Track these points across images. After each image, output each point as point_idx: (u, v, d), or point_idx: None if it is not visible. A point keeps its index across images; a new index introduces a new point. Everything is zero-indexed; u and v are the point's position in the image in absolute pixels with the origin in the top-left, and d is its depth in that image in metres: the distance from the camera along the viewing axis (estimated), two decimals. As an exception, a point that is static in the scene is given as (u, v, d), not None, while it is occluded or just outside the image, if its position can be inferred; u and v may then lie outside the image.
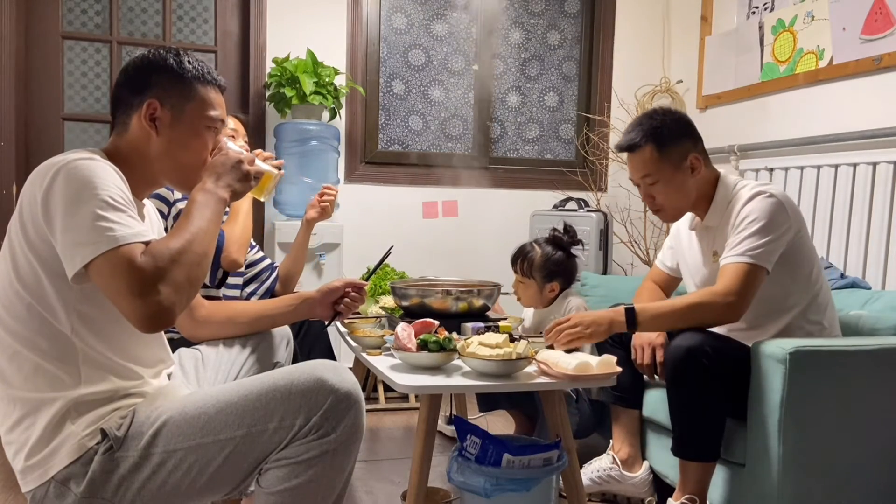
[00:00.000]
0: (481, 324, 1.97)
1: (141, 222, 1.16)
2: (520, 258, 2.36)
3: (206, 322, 1.58)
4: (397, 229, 3.45)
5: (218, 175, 1.30)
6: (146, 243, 1.11)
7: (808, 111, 2.86)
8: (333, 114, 3.27)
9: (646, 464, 2.12)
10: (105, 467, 1.15)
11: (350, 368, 1.35)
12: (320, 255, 3.17)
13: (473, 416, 2.63)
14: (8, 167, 3.06)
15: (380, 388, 3.25)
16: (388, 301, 2.37)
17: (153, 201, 1.73)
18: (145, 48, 2.23)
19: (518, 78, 3.78)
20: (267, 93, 3.25)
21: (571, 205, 3.39)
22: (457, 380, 1.63)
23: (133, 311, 1.07)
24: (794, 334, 1.86)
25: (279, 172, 1.53)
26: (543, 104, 3.83)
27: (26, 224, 1.14)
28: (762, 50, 3.12)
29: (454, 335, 1.80)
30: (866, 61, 2.58)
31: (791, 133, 2.91)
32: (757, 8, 3.17)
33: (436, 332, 1.78)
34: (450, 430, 2.71)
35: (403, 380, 1.59)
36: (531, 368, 1.71)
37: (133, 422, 1.19)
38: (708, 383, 1.72)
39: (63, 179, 1.10)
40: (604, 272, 3.25)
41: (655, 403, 2.07)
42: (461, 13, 3.65)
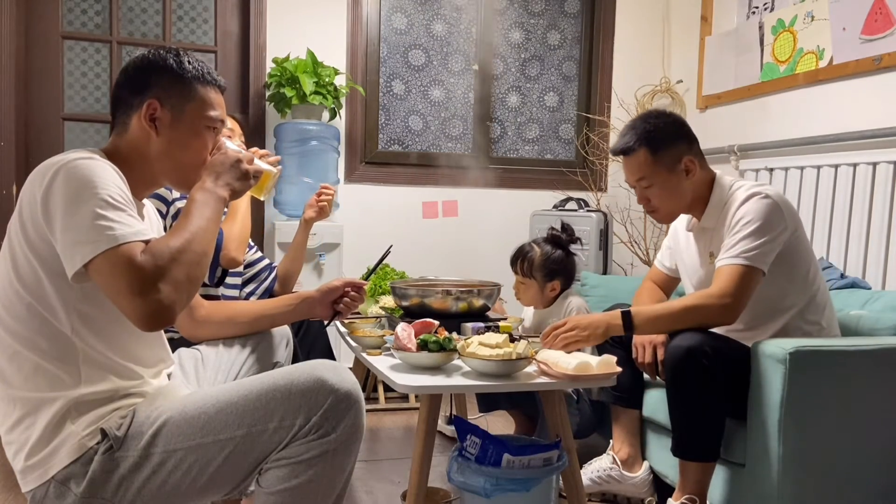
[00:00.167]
0: (481, 324, 1.97)
1: (141, 221, 1.17)
2: (519, 258, 2.36)
3: (206, 322, 1.58)
4: (397, 229, 3.45)
5: (217, 174, 1.30)
6: (146, 242, 1.11)
7: (808, 111, 2.86)
8: (333, 114, 3.27)
9: (646, 464, 2.12)
10: (105, 467, 1.15)
11: (350, 368, 1.35)
12: (320, 255, 3.17)
13: (473, 416, 2.63)
14: (8, 167, 3.06)
15: (380, 388, 3.25)
16: (388, 301, 2.37)
17: (151, 201, 1.73)
18: (145, 48, 2.23)
19: (518, 78, 3.78)
20: (267, 93, 3.25)
21: (571, 205, 3.39)
22: (457, 380, 1.63)
23: (133, 310, 1.07)
24: (792, 335, 1.86)
25: (278, 171, 1.53)
26: (543, 104, 3.83)
27: (26, 224, 1.14)
28: (762, 50, 3.12)
29: (454, 335, 1.80)
30: (866, 61, 2.58)
31: (791, 133, 2.91)
32: (757, 8, 3.17)
33: (436, 332, 1.78)
34: (450, 430, 2.71)
35: (403, 380, 1.60)
36: (531, 368, 1.71)
37: (133, 422, 1.19)
38: (708, 383, 1.72)
39: (63, 179, 1.10)
40: (604, 272, 3.25)
41: (655, 403, 2.07)
42: (461, 13, 3.65)
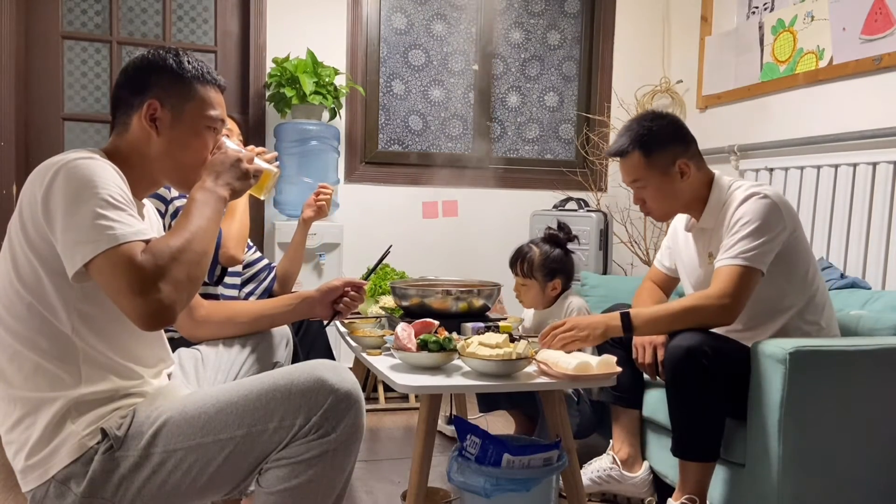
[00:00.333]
0: (481, 324, 1.97)
1: (141, 221, 1.16)
2: (519, 260, 2.36)
3: (206, 322, 1.58)
4: (397, 229, 3.45)
5: (217, 174, 1.30)
6: (146, 241, 1.11)
7: (808, 111, 2.86)
8: (333, 114, 3.27)
9: (646, 464, 2.12)
10: (105, 467, 1.15)
11: (350, 368, 1.35)
12: (320, 255, 3.17)
13: (473, 416, 2.63)
14: (8, 167, 3.06)
15: (380, 388, 3.25)
16: (388, 301, 2.37)
17: (150, 200, 1.73)
18: (145, 48, 2.23)
19: (518, 78, 3.78)
20: (267, 93, 3.24)
21: (571, 205, 3.39)
22: (457, 380, 1.63)
23: (134, 310, 1.07)
24: (792, 335, 1.86)
25: (278, 170, 1.53)
26: (543, 104, 3.82)
27: (26, 223, 1.14)
28: (762, 50, 3.12)
29: (454, 335, 1.80)
30: (866, 61, 2.58)
31: (791, 133, 2.91)
32: (757, 8, 3.17)
33: (436, 332, 1.78)
34: (450, 430, 2.71)
35: (403, 380, 1.60)
36: (531, 368, 1.71)
37: (133, 421, 1.19)
38: (707, 383, 1.72)
39: (63, 178, 1.10)
40: (604, 272, 3.25)
41: (655, 403, 2.07)
42: (461, 13, 3.65)
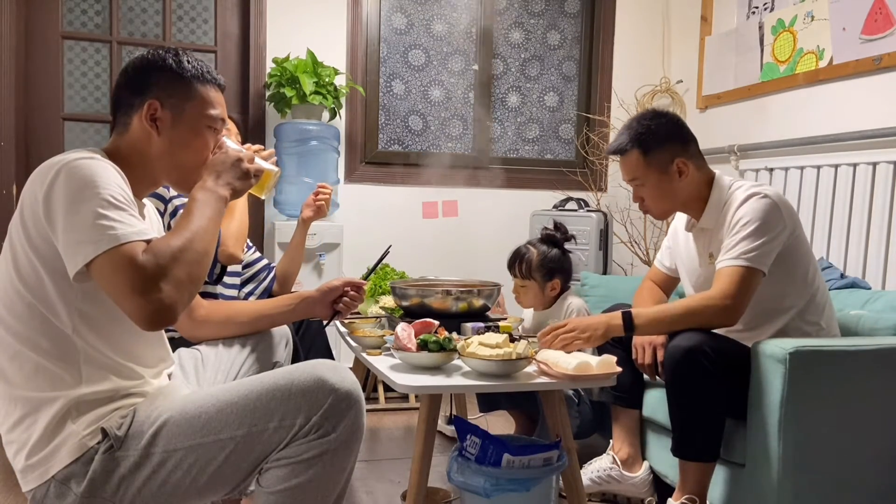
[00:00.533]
0: (481, 324, 1.97)
1: (142, 221, 1.17)
2: (517, 261, 2.36)
3: (205, 322, 1.58)
4: (397, 229, 3.45)
5: (218, 173, 1.30)
6: (147, 241, 1.11)
7: (808, 111, 2.86)
8: (333, 114, 3.27)
9: (646, 464, 2.12)
10: (105, 467, 1.15)
11: (350, 368, 1.35)
12: (320, 255, 3.17)
13: (473, 416, 2.63)
14: (8, 167, 3.06)
15: (380, 388, 3.25)
16: (388, 301, 2.37)
17: (149, 199, 1.73)
18: (145, 48, 2.23)
19: (518, 78, 3.78)
20: (267, 93, 3.24)
21: (571, 205, 3.39)
22: (457, 380, 1.63)
23: (135, 310, 1.07)
24: (792, 335, 1.86)
25: (278, 170, 1.54)
26: (543, 104, 3.83)
27: (27, 223, 1.14)
28: (762, 50, 3.12)
29: (454, 335, 1.80)
30: (866, 61, 2.58)
31: (791, 133, 2.91)
32: (757, 8, 3.17)
33: (436, 332, 1.78)
34: (450, 430, 2.71)
35: (403, 380, 1.60)
36: (531, 368, 1.72)
37: (133, 421, 1.19)
38: (707, 383, 1.72)
39: (64, 178, 1.11)
40: (604, 272, 3.25)
41: (655, 403, 2.07)
42: (461, 13, 3.65)
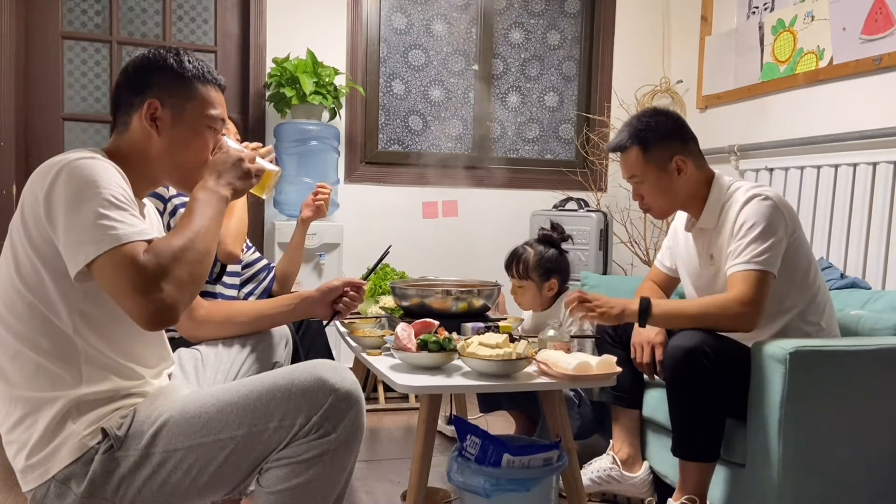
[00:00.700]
0: (481, 324, 1.97)
1: (143, 221, 1.17)
2: (514, 261, 2.36)
3: (205, 322, 1.58)
4: (397, 229, 3.45)
5: (219, 173, 1.30)
6: (148, 241, 1.11)
7: (808, 111, 2.86)
8: (333, 114, 3.27)
9: (646, 464, 2.12)
10: (106, 467, 1.15)
11: (350, 368, 1.35)
12: (320, 255, 3.17)
13: (473, 416, 2.63)
14: (8, 167, 3.06)
15: (380, 388, 3.25)
16: (388, 301, 2.37)
17: (149, 199, 1.73)
18: (145, 48, 2.23)
19: (518, 78, 3.78)
20: (267, 93, 3.24)
21: (571, 205, 3.39)
22: (457, 380, 1.63)
23: (136, 310, 1.07)
24: (792, 335, 1.85)
25: (279, 169, 1.54)
26: (543, 104, 3.83)
27: (28, 223, 1.14)
28: (762, 50, 3.12)
29: (454, 335, 1.80)
30: (866, 61, 2.58)
31: (791, 133, 2.91)
32: (757, 8, 3.17)
33: (436, 332, 1.78)
34: (450, 430, 2.71)
35: (403, 380, 1.60)
36: (531, 368, 1.72)
37: (134, 421, 1.19)
38: (707, 383, 1.72)
39: (65, 178, 1.10)
40: (604, 272, 3.25)
41: (655, 403, 2.07)
42: (461, 13, 3.65)
